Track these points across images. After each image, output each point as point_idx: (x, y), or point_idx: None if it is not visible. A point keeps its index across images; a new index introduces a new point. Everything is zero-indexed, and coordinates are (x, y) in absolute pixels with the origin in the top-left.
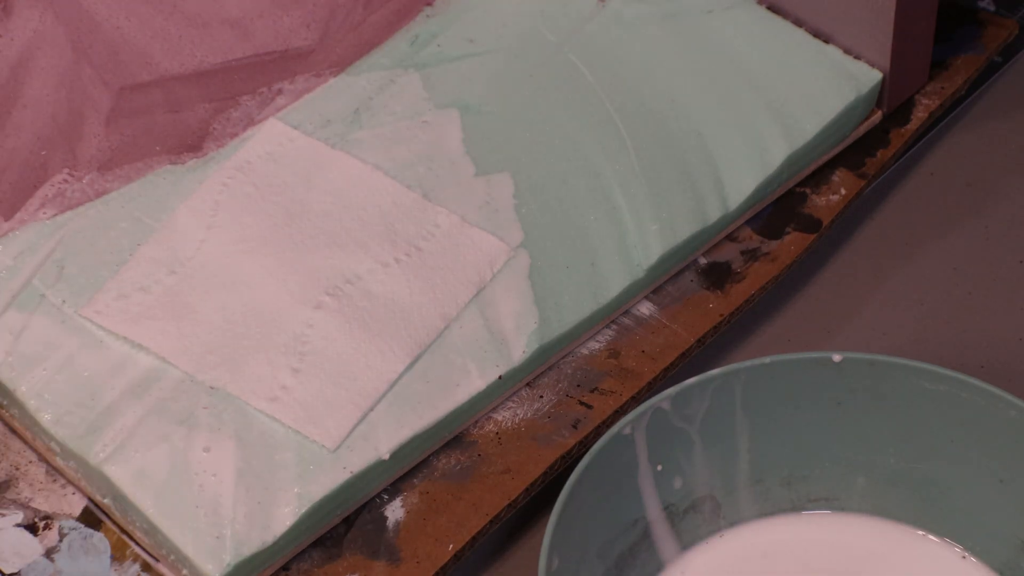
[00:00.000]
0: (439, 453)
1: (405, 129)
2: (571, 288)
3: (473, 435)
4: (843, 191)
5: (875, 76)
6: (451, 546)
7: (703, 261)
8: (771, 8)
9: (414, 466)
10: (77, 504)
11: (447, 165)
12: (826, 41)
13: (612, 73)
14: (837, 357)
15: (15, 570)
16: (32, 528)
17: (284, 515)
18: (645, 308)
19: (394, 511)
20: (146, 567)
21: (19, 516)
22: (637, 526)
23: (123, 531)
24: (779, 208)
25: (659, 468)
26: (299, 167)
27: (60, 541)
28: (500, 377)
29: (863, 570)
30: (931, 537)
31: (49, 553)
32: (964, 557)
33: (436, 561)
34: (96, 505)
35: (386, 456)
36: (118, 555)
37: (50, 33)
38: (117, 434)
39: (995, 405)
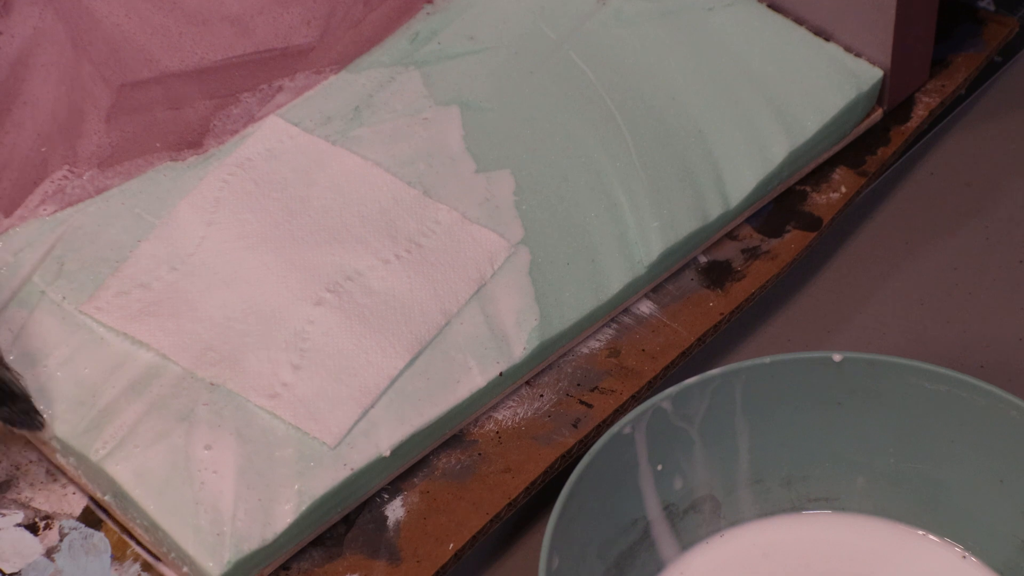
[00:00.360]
0: (439, 452)
1: (405, 126)
2: (572, 285)
3: (473, 434)
4: (843, 189)
5: (876, 74)
6: (451, 545)
7: (703, 260)
8: (771, 6)
9: (414, 465)
10: (77, 504)
11: (447, 162)
12: (827, 39)
13: (612, 70)
14: (837, 357)
15: (15, 570)
16: (32, 528)
17: (285, 512)
18: (645, 307)
19: (394, 510)
20: (147, 567)
21: (19, 516)
22: (637, 526)
23: (124, 529)
24: (779, 206)
25: (659, 468)
26: (299, 164)
27: (61, 541)
28: (501, 374)
29: (863, 570)
30: (931, 537)
31: (49, 553)
32: (964, 557)
33: (436, 560)
34: (96, 503)
35: (387, 453)
36: (118, 555)
37: (50, 30)
38: (117, 431)
39: (995, 405)
